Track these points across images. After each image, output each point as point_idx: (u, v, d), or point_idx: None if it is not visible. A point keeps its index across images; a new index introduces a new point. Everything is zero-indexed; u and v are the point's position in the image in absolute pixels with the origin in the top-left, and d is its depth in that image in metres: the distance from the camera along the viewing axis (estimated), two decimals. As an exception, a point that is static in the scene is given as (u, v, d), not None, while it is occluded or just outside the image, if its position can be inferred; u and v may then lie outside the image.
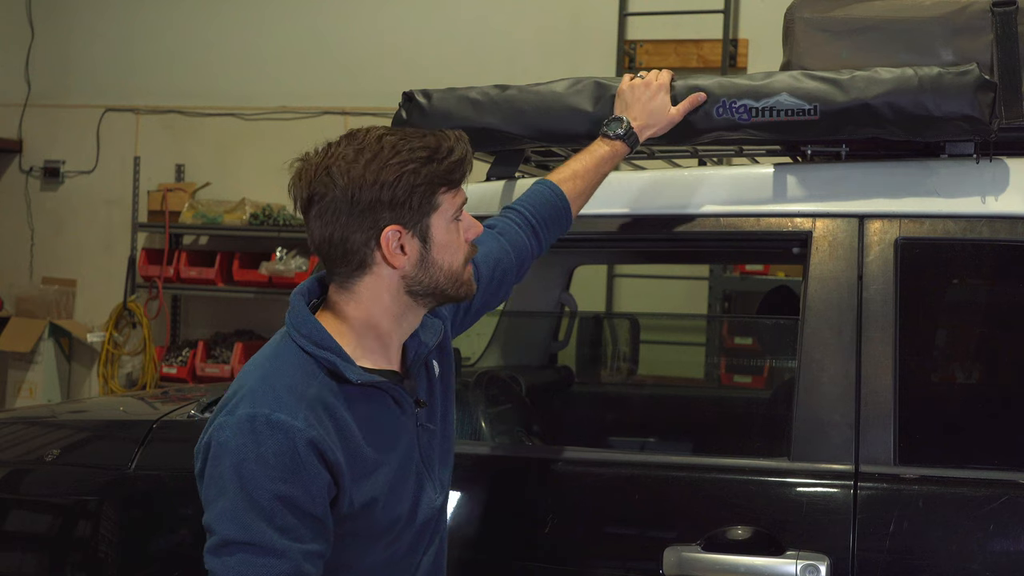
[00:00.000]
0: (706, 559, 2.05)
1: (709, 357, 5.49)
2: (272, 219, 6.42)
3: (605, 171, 2.27)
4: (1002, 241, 2.16)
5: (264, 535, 1.63)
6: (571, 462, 2.28)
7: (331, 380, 1.75)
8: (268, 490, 1.64)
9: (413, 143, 1.76)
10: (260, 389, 1.71)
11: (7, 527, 2.70)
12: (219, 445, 1.68)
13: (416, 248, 1.78)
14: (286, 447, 1.66)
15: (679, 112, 2.30)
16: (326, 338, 1.77)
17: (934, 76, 2.15)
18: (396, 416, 1.84)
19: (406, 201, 1.75)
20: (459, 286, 1.84)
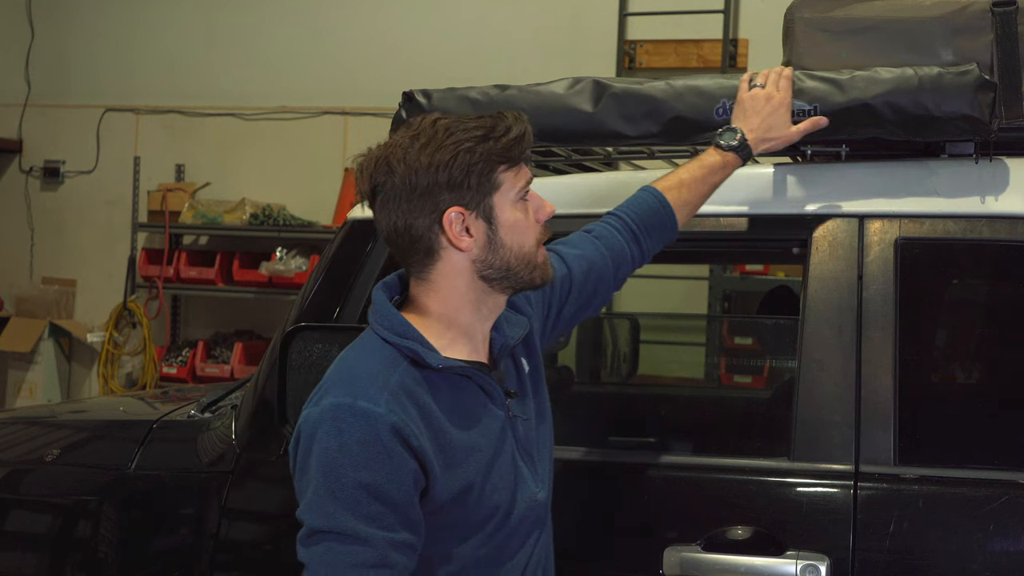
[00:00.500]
0: (706, 559, 2.06)
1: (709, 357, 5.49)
2: (272, 219, 6.42)
3: (715, 182, 2.20)
4: (1002, 241, 2.16)
5: (348, 523, 1.64)
6: (571, 462, 2.28)
7: (414, 368, 1.75)
8: (351, 478, 1.64)
9: (468, 124, 1.76)
10: (343, 379, 1.73)
11: (7, 527, 2.70)
12: (306, 437, 1.70)
13: (482, 229, 1.77)
14: (369, 435, 1.66)
15: (798, 132, 2.21)
16: (408, 328, 1.77)
17: (934, 76, 2.15)
18: (485, 405, 1.82)
19: (463, 181, 1.74)
20: (532, 269, 1.80)
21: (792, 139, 2.22)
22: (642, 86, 2.35)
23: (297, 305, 2.51)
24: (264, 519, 2.47)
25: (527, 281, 1.82)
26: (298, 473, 1.71)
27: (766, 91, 2.22)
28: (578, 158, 2.74)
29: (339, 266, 2.49)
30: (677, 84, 2.34)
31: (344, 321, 2.41)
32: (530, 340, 1.97)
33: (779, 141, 2.22)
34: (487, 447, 1.80)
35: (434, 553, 1.75)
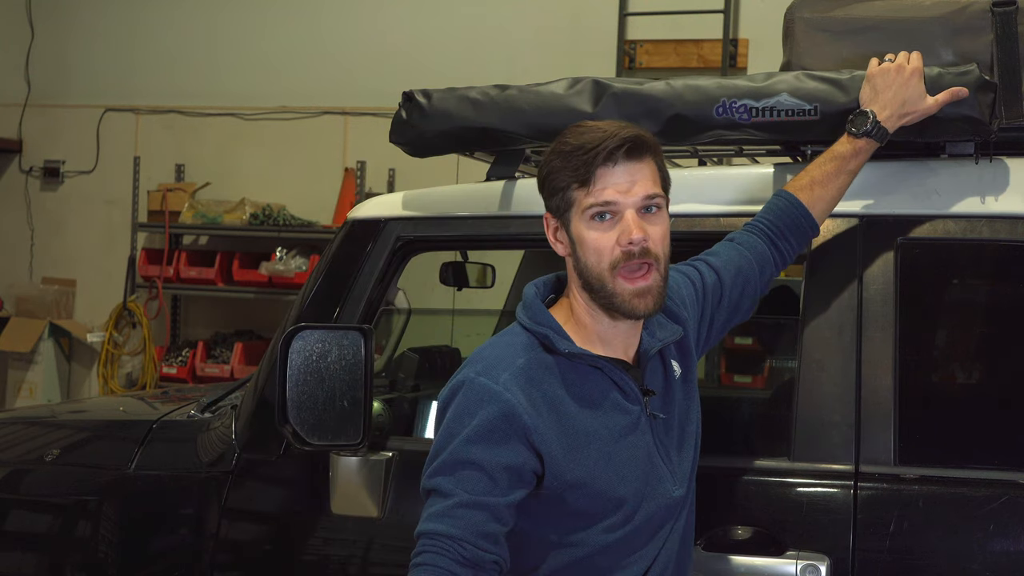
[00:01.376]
0: (706, 559, 2.05)
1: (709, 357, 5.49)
2: (272, 219, 6.42)
3: (851, 169, 2.15)
4: (1002, 241, 2.16)
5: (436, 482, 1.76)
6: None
7: (545, 354, 1.85)
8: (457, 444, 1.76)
9: (569, 137, 1.86)
10: (475, 359, 1.86)
11: (7, 527, 2.70)
12: (442, 405, 1.84)
13: (567, 239, 1.88)
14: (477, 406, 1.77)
15: (936, 103, 2.13)
16: (546, 317, 1.88)
17: (934, 76, 2.15)
18: (615, 398, 1.87)
19: (544, 189, 1.89)
20: (610, 295, 1.83)
21: (931, 111, 2.14)
22: (642, 86, 2.35)
23: (297, 305, 2.51)
24: (264, 519, 2.47)
25: (608, 305, 1.85)
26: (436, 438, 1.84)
27: (896, 63, 2.15)
28: (578, 158, 2.74)
29: (339, 266, 2.49)
30: (677, 84, 2.33)
31: (344, 321, 2.41)
32: (685, 344, 2.00)
33: (917, 114, 2.14)
34: (607, 437, 1.84)
35: (562, 538, 1.82)
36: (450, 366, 3.38)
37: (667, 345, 1.94)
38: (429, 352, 3.30)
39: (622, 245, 1.81)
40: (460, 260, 3.36)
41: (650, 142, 1.86)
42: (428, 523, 1.74)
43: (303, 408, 2.13)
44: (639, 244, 1.80)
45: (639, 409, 1.88)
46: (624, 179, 1.82)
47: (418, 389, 3.17)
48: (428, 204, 2.51)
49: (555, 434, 1.79)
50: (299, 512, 2.41)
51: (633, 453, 1.86)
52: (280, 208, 6.48)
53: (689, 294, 2.04)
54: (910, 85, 2.13)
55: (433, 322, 4.55)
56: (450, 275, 3.35)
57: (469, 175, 2.88)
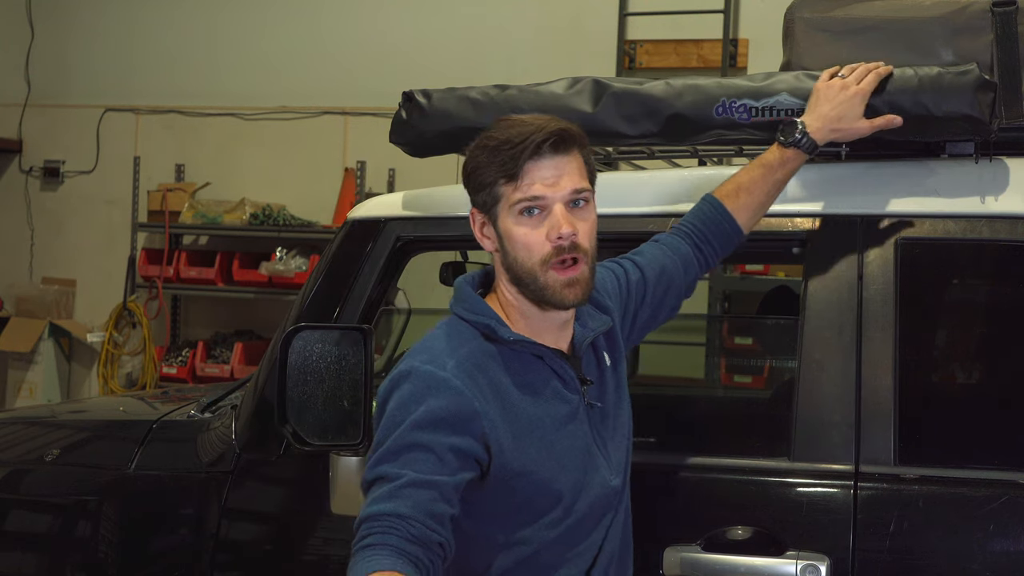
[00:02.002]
0: (706, 559, 2.06)
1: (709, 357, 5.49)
2: (272, 219, 6.41)
3: (778, 179, 2.18)
4: (1002, 241, 2.16)
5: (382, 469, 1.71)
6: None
7: (487, 343, 1.85)
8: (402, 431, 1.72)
9: (495, 132, 1.85)
10: (416, 351, 1.84)
11: (7, 527, 2.70)
12: (380, 403, 1.81)
13: (494, 235, 1.88)
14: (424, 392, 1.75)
15: (871, 126, 2.15)
16: (483, 306, 1.88)
17: (934, 76, 2.15)
18: (557, 388, 1.87)
19: (469, 185, 1.88)
20: (540, 289, 1.83)
21: (862, 132, 2.16)
22: (642, 86, 2.35)
23: (297, 305, 2.51)
24: (264, 519, 2.47)
25: (538, 298, 1.85)
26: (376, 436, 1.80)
27: (844, 80, 2.17)
28: (578, 158, 2.74)
29: (339, 266, 2.49)
30: (677, 84, 2.33)
31: (344, 321, 2.41)
32: (613, 335, 2.02)
33: (848, 132, 2.16)
34: (550, 426, 1.84)
35: (508, 537, 1.81)
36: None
37: (598, 335, 1.97)
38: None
39: (552, 240, 1.81)
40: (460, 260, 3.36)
41: (576, 135, 1.85)
42: (373, 506, 1.68)
43: (303, 408, 2.13)
44: (568, 239, 1.80)
45: (578, 398, 1.89)
46: (551, 173, 1.81)
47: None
48: (428, 204, 2.51)
49: (502, 421, 1.79)
50: (299, 512, 2.41)
51: (573, 443, 1.86)
52: (280, 208, 6.48)
53: (613, 288, 2.06)
54: (850, 104, 2.14)
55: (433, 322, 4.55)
56: (450, 275, 3.34)
57: (469, 175, 2.87)
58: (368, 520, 1.66)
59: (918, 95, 2.15)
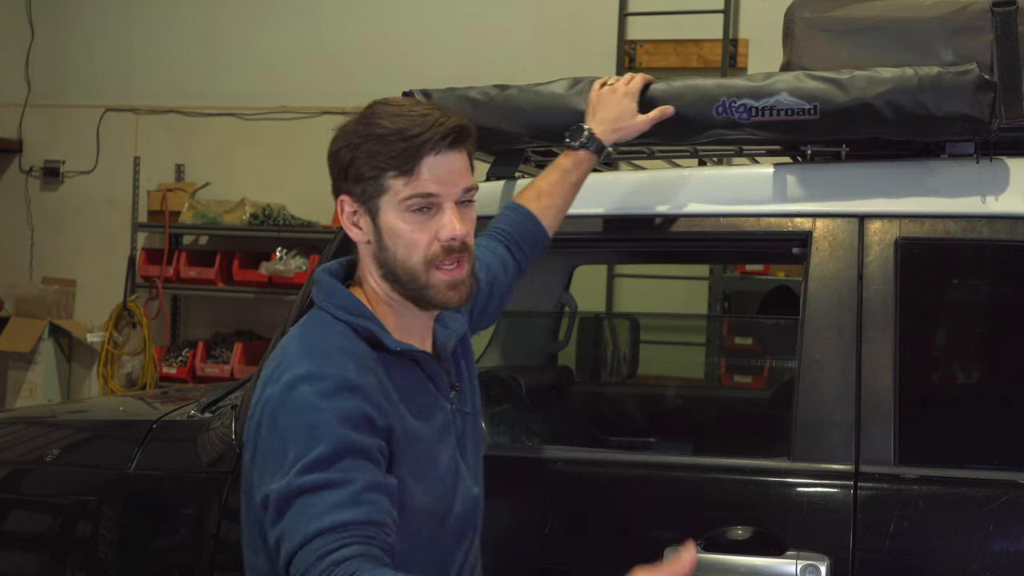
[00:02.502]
0: (706, 559, 2.05)
1: (709, 357, 5.49)
2: (272, 219, 6.41)
3: (574, 180, 2.26)
4: (1002, 241, 2.16)
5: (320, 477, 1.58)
6: (571, 462, 2.28)
7: (368, 347, 1.74)
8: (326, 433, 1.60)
9: (383, 119, 1.74)
10: (301, 353, 1.69)
11: (7, 527, 2.70)
12: (272, 413, 1.65)
13: (370, 227, 1.77)
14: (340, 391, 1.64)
15: (646, 121, 2.29)
16: (360, 307, 1.77)
17: (934, 76, 2.15)
18: (432, 393, 1.83)
19: (345, 172, 1.76)
20: (422, 288, 1.76)
21: (640, 128, 2.29)
22: (642, 86, 2.35)
23: (297, 305, 2.51)
24: (264, 519, 2.47)
25: (419, 298, 1.78)
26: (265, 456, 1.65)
27: (614, 86, 2.32)
28: (578, 158, 2.74)
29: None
30: (676, 84, 2.34)
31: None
32: (466, 338, 1.98)
33: (628, 130, 2.28)
34: (431, 436, 1.79)
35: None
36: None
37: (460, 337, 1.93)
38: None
39: (442, 241, 1.74)
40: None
41: (471, 131, 1.78)
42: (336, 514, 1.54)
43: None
44: (460, 239, 1.75)
45: (448, 405, 1.85)
46: (446, 170, 1.73)
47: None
48: (428, 204, 2.50)
49: (396, 422, 1.71)
50: (299, 512, 2.41)
51: (447, 452, 1.82)
52: (280, 208, 6.48)
53: None
54: (622, 104, 2.28)
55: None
56: (450, 275, 3.34)
57: (469, 175, 2.87)
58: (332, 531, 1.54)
59: (918, 95, 2.15)
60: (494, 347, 3.66)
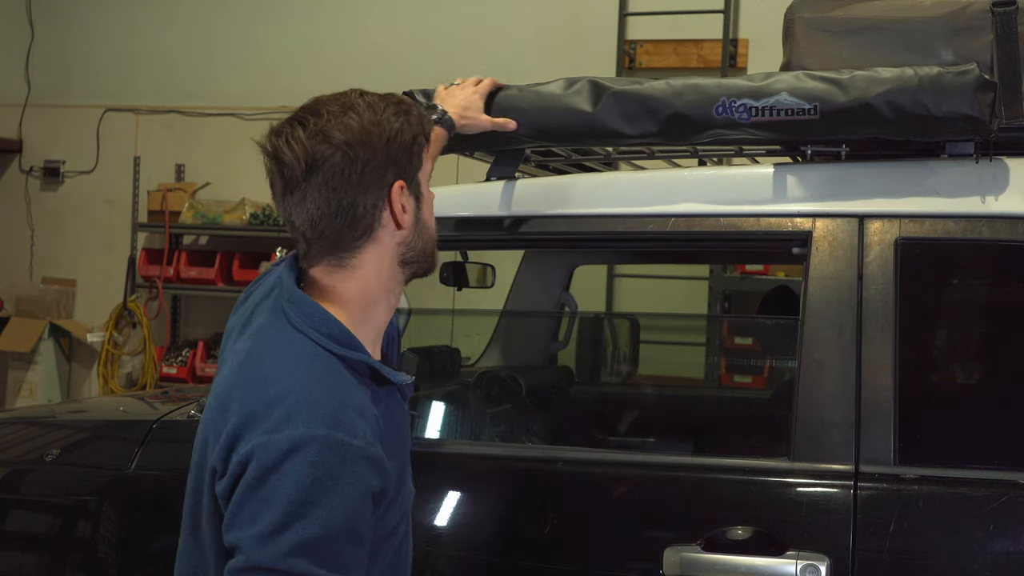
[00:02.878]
0: (706, 559, 2.05)
1: (709, 357, 5.49)
2: (272, 219, 6.42)
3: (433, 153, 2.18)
4: (1002, 241, 2.16)
5: (300, 566, 1.50)
6: (571, 462, 2.28)
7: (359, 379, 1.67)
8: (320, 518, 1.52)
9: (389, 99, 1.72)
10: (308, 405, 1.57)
11: (7, 527, 2.70)
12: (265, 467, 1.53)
13: (412, 207, 1.73)
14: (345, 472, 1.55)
15: (490, 122, 2.36)
16: (349, 338, 1.67)
17: (934, 76, 2.15)
18: (404, 411, 1.82)
19: (406, 154, 1.69)
20: (433, 253, 1.80)
21: (484, 126, 2.36)
22: (641, 86, 2.35)
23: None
24: (264, 519, 2.46)
25: (430, 264, 1.79)
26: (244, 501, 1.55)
27: (462, 83, 2.42)
28: (578, 158, 2.74)
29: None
30: (676, 84, 2.33)
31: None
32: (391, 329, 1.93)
33: (474, 122, 2.35)
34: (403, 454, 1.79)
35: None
36: (450, 366, 3.37)
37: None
38: (429, 352, 3.30)
39: None
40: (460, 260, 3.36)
41: None
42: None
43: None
44: None
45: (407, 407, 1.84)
46: None
47: (418, 389, 3.17)
48: (428, 204, 2.50)
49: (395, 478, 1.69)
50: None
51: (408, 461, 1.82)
52: (280, 208, 6.48)
53: None
54: (471, 98, 2.36)
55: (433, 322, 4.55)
56: (450, 275, 3.35)
57: (469, 175, 2.88)
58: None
59: (918, 95, 2.15)
60: (494, 347, 3.66)
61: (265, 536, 1.51)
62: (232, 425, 1.60)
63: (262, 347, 1.69)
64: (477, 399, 2.95)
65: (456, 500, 2.28)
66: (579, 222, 2.39)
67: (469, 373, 3.31)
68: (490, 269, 3.38)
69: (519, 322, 3.71)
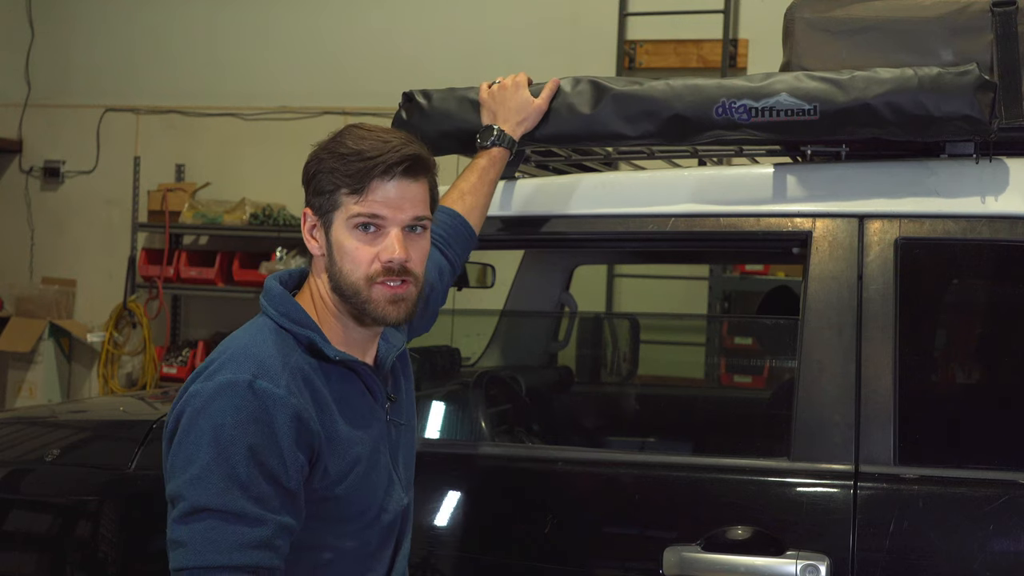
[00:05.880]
0: (706, 559, 2.06)
1: (709, 357, 5.50)
2: (272, 219, 6.42)
3: (492, 178, 2.34)
4: (1002, 241, 2.16)
5: (237, 502, 1.63)
6: (571, 462, 2.28)
7: (308, 356, 1.79)
8: (245, 457, 1.64)
9: (348, 139, 1.81)
10: (240, 356, 1.72)
11: (7, 527, 2.70)
12: (193, 411, 1.68)
13: (323, 239, 1.83)
14: (267, 415, 1.67)
15: (544, 100, 2.37)
16: (304, 316, 1.82)
17: (934, 76, 2.15)
18: (369, 403, 1.87)
19: (309, 185, 1.83)
20: (363, 303, 1.80)
21: (541, 110, 2.37)
22: (641, 86, 2.35)
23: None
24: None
25: (360, 312, 1.82)
26: (177, 448, 1.68)
27: (501, 83, 2.41)
28: (578, 158, 2.74)
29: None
30: (676, 84, 2.33)
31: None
32: (404, 352, 2.03)
33: (531, 117, 2.37)
34: (368, 443, 1.83)
35: (306, 541, 1.76)
36: (450, 366, 3.38)
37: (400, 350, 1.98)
38: (429, 352, 3.30)
39: (383, 260, 1.79)
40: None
41: (428, 163, 1.84)
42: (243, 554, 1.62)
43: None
44: (399, 263, 1.80)
45: (383, 416, 1.89)
46: (396, 195, 1.79)
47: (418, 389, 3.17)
48: (428, 204, 2.50)
49: (326, 439, 1.75)
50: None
51: (381, 461, 1.86)
52: (280, 208, 6.48)
53: None
54: (517, 95, 2.37)
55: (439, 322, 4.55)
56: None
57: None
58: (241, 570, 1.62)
59: (918, 95, 2.15)
60: (494, 347, 3.66)
61: (200, 477, 1.64)
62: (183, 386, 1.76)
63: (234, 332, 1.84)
64: (477, 399, 2.95)
65: (456, 500, 2.28)
66: (579, 222, 2.39)
67: (469, 373, 3.31)
68: (490, 269, 3.38)
69: (519, 322, 3.71)
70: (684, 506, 2.16)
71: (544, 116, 2.39)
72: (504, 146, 2.35)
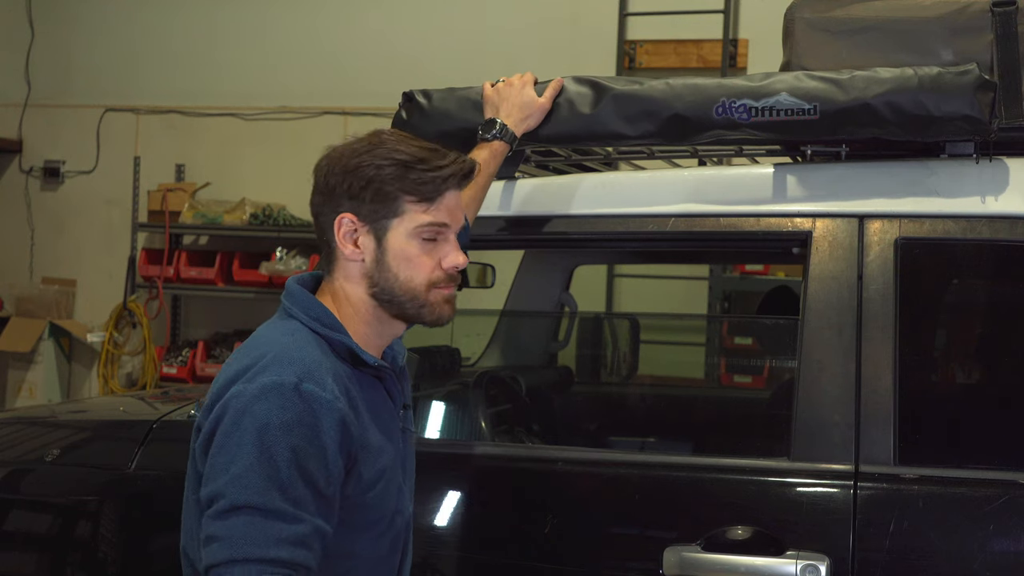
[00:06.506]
0: (706, 559, 2.06)
1: (709, 357, 5.49)
2: (272, 219, 6.42)
3: (490, 171, 2.34)
4: (1002, 241, 2.16)
5: (275, 501, 1.62)
6: (571, 462, 2.28)
7: (340, 361, 1.80)
8: (287, 458, 1.64)
9: (400, 146, 1.82)
10: (283, 358, 1.71)
11: (7, 527, 2.70)
12: (236, 411, 1.67)
13: (371, 246, 1.83)
14: (312, 418, 1.67)
15: (547, 99, 2.39)
16: (335, 322, 1.82)
17: (934, 76, 2.15)
18: (391, 410, 1.88)
19: (361, 194, 1.81)
20: (420, 306, 1.84)
21: (545, 108, 2.39)
22: (641, 86, 2.35)
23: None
24: (264, 519, 2.46)
25: (413, 315, 1.86)
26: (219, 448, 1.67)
27: (508, 81, 2.42)
28: (578, 158, 2.75)
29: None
30: (676, 84, 2.33)
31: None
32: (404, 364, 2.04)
33: (535, 115, 2.38)
34: (391, 450, 1.84)
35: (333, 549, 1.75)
36: (450, 366, 3.38)
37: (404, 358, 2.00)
38: (429, 352, 3.30)
39: (446, 268, 1.85)
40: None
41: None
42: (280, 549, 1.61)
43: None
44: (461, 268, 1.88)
45: (399, 423, 1.90)
46: (455, 204, 1.86)
47: (418, 389, 3.17)
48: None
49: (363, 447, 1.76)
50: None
51: (397, 466, 1.88)
52: (280, 208, 6.48)
53: None
54: (524, 92, 2.39)
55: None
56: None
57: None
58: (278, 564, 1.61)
59: (918, 95, 2.15)
60: (494, 347, 3.66)
61: (241, 476, 1.63)
62: (217, 386, 1.75)
63: (257, 332, 1.85)
64: (477, 399, 2.95)
65: (456, 500, 2.28)
66: (579, 222, 2.40)
67: (469, 373, 3.31)
68: (490, 269, 3.38)
69: (519, 322, 3.71)
70: (684, 506, 2.16)
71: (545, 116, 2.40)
72: (506, 140, 2.36)
